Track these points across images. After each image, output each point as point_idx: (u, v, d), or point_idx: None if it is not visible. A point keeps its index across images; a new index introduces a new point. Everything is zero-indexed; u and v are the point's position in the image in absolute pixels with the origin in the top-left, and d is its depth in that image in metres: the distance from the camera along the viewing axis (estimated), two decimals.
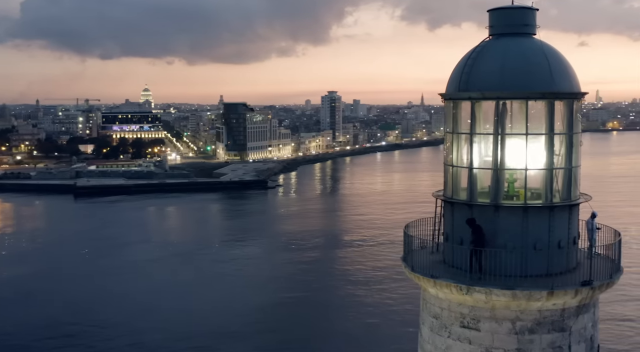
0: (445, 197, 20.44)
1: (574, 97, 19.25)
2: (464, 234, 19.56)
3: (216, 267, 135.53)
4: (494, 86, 18.92)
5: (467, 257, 19.36)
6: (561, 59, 19.47)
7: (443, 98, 20.65)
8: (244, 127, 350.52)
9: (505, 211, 19.08)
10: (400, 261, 21.15)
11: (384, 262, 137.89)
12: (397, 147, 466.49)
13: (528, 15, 19.94)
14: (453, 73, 20.34)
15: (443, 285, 18.80)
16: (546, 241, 19.02)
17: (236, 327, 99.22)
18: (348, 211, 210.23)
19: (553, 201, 19.14)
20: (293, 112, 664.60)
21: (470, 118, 19.43)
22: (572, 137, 19.33)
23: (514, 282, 18.18)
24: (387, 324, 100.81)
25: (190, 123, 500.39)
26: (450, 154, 20.32)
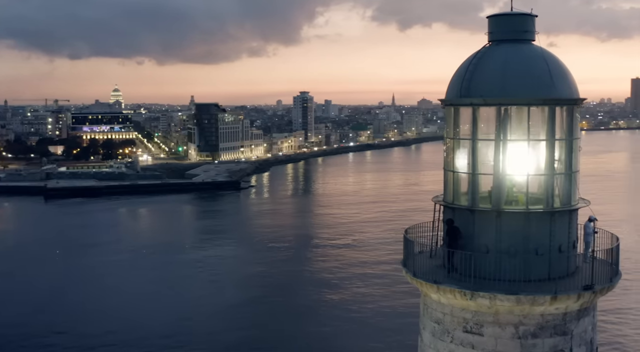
0: (445, 203, 20.50)
1: (574, 103, 19.47)
2: (466, 240, 19.67)
3: (187, 269, 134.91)
4: (496, 92, 19.04)
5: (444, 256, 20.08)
6: (561, 65, 19.66)
7: (443, 104, 20.72)
8: (215, 127, 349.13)
9: (507, 217, 19.20)
10: (401, 266, 21.15)
11: (355, 261, 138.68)
12: (369, 147, 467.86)
13: (528, 22, 20.10)
14: (453, 79, 20.43)
15: (447, 290, 18.87)
16: (547, 246, 19.19)
17: (204, 328, 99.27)
18: (320, 211, 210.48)
19: (554, 206, 19.29)
20: (264, 112, 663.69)
21: (471, 124, 19.48)
22: (572, 143, 19.51)
23: (517, 287, 18.31)
24: (358, 321, 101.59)
25: (161, 124, 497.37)
26: (451, 159, 20.37)
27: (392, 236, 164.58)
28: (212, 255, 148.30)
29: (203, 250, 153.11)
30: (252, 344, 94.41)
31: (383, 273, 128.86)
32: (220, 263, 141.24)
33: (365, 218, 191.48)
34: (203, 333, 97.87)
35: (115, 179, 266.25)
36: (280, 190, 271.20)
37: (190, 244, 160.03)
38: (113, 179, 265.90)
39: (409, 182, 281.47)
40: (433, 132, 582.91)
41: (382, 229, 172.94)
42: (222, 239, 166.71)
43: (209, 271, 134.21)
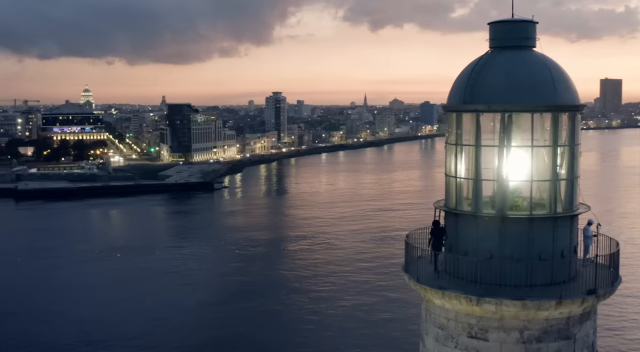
0: (448, 208, 20.55)
1: (576, 109, 19.66)
2: (468, 245, 19.77)
3: (160, 271, 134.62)
4: (500, 99, 19.15)
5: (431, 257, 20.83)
6: (563, 71, 19.85)
7: (445, 110, 20.80)
8: (188, 128, 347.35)
9: (511, 222, 19.33)
10: (402, 271, 21.18)
11: (328, 261, 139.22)
12: (342, 148, 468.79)
13: (529, 29, 20.25)
14: (455, 85, 20.51)
15: (452, 296, 18.93)
16: (550, 251, 19.36)
17: (177, 329, 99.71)
18: (293, 212, 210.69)
19: (557, 211, 19.46)
20: (237, 112, 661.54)
21: (475, 130, 19.57)
22: (574, 149, 19.70)
23: (523, 292, 18.45)
24: (329, 321, 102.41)
25: (132, 124, 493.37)
26: (453, 165, 20.42)
27: (365, 235, 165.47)
28: (185, 256, 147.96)
29: (176, 251, 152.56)
30: (224, 344, 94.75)
31: (355, 271, 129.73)
32: (193, 264, 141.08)
33: (338, 218, 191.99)
34: (175, 334, 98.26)
35: (87, 181, 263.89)
36: (253, 191, 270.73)
37: (163, 246, 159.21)
38: (85, 181, 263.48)
39: (381, 183, 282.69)
40: (405, 133, 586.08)
41: (355, 229, 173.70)
42: (196, 240, 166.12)
43: (181, 272, 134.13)
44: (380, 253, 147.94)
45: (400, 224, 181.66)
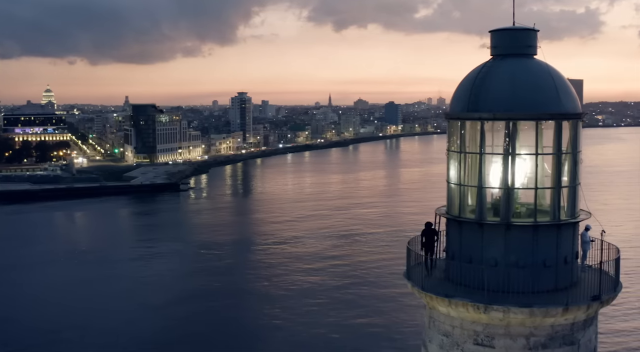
0: (452, 216, 20.58)
1: (578, 117, 19.86)
2: (473, 253, 19.84)
3: (126, 273, 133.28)
4: (505, 107, 19.25)
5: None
6: (564, 79, 20.06)
7: (447, 117, 20.83)
8: (153, 129, 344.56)
9: (516, 229, 19.46)
10: (405, 278, 21.18)
11: (294, 262, 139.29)
12: (308, 148, 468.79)
13: (531, 37, 20.41)
14: (458, 93, 20.57)
15: (459, 304, 18.98)
16: (554, 258, 19.53)
17: (141, 331, 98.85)
18: (260, 213, 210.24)
19: (560, 218, 19.64)
20: (201, 113, 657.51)
21: (479, 138, 19.65)
22: (576, 156, 19.90)
23: (530, 299, 18.58)
24: (297, 322, 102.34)
25: (95, 125, 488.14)
26: (456, 172, 20.47)
27: (332, 235, 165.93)
28: (152, 258, 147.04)
29: (142, 253, 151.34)
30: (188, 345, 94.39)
31: (320, 270, 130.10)
32: (159, 266, 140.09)
33: (304, 219, 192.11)
34: (139, 336, 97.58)
35: (50, 183, 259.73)
36: (220, 192, 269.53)
37: (129, 248, 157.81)
38: (48, 183, 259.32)
39: (348, 183, 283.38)
40: (370, 133, 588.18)
41: (321, 229, 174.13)
42: (162, 242, 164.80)
43: (147, 274, 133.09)
44: (346, 252, 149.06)
45: (367, 223, 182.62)
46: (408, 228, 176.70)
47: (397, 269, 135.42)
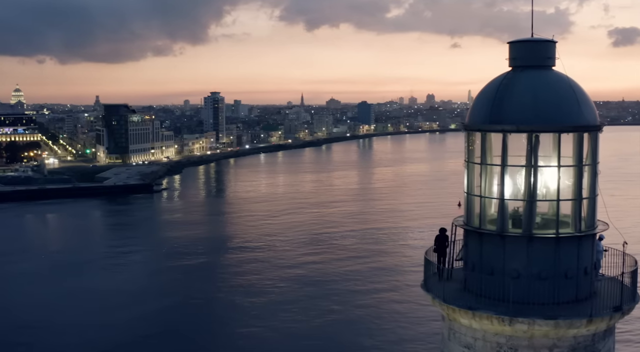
0: (472, 227, 20.55)
1: (598, 129, 19.96)
2: (494, 264, 19.83)
3: (98, 276, 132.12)
4: (528, 119, 19.30)
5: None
6: (584, 91, 20.14)
7: (467, 129, 20.80)
8: (125, 129, 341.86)
9: (539, 241, 19.50)
10: (423, 290, 21.15)
11: (266, 263, 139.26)
12: (281, 148, 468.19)
13: (550, 48, 20.49)
14: (479, 104, 20.60)
15: (483, 317, 18.97)
16: (575, 269, 19.61)
17: (112, 336, 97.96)
18: (234, 214, 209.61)
19: (581, 229, 19.73)
20: (173, 112, 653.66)
21: (501, 149, 19.67)
22: (595, 167, 20.00)
23: (555, 311, 18.64)
24: (270, 325, 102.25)
25: (66, 125, 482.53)
26: (477, 184, 20.46)
27: (305, 236, 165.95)
28: (126, 260, 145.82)
29: (115, 256, 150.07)
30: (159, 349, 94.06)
31: (292, 275, 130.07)
32: (133, 268, 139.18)
33: (277, 220, 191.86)
34: (110, 340, 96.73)
35: (21, 184, 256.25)
36: (193, 192, 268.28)
37: (102, 250, 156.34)
38: (19, 184, 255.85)
39: (321, 183, 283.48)
40: (343, 132, 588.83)
41: (294, 231, 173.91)
42: (136, 244, 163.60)
43: (121, 276, 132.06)
44: (319, 251, 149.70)
45: (340, 224, 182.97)
46: (382, 227, 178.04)
47: (370, 266, 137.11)
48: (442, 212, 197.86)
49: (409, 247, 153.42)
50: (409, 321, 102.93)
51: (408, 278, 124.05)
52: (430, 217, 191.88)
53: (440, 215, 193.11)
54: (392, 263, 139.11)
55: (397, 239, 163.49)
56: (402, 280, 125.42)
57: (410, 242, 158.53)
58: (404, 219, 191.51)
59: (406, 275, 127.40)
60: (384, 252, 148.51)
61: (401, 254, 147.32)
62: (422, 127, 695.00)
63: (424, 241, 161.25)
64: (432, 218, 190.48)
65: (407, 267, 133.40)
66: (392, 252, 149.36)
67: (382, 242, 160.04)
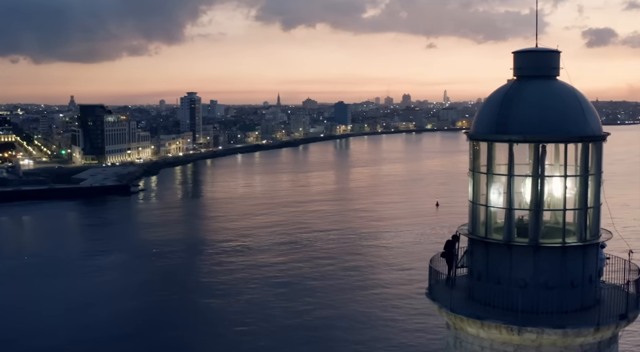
0: (478, 237, 20.62)
1: (603, 139, 20.15)
2: (501, 274, 19.94)
3: (75, 278, 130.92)
4: (535, 129, 19.44)
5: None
6: (588, 101, 20.36)
7: (472, 139, 20.84)
8: (101, 129, 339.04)
9: (545, 251, 19.63)
10: (428, 298, 21.20)
11: (244, 265, 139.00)
12: (258, 148, 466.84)
13: (555, 58, 20.65)
14: (484, 114, 20.71)
15: (491, 326, 19.07)
16: (581, 277, 19.79)
17: (89, 339, 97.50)
18: (211, 215, 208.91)
19: (587, 238, 19.90)
20: (148, 113, 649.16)
21: (508, 159, 19.78)
22: (599, 176, 20.18)
23: (563, 320, 18.79)
24: (247, 328, 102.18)
25: (41, 125, 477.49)
26: (483, 193, 20.54)
27: (280, 238, 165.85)
28: (103, 262, 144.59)
29: (92, 258, 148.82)
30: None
31: (270, 276, 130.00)
32: (110, 271, 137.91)
33: (254, 221, 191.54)
34: (87, 343, 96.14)
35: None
36: (171, 193, 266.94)
37: (79, 252, 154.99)
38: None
39: (298, 184, 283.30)
40: (320, 133, 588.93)
41: (270, 231, 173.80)
42: (113, 246, 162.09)
43: (98, 279, 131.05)
44: (297, 252, 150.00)
45: (316, 224, 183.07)
46: (359, 227, 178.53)
47: (344, 265, 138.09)
48: (420, 212, 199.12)
49: (384, 247, 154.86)
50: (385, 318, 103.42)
51: (382, 277, 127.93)
52: (407, 217, 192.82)
53: (418, 215, 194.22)
54: (366, 263, 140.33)
55: (372, 239, 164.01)
56: (377, 279, 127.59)
57: (386, 242, 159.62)
58: (381, 219, 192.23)
59: (381, 274, 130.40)
60: (359, 253, 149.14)
61: (376, 254, 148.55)
62: (398, 127, 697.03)
63: (400, 239, 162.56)
64: (409, 218, 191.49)
65: (381, 266, 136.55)
66: (368, 252, 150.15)
67: (358, 242, 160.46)
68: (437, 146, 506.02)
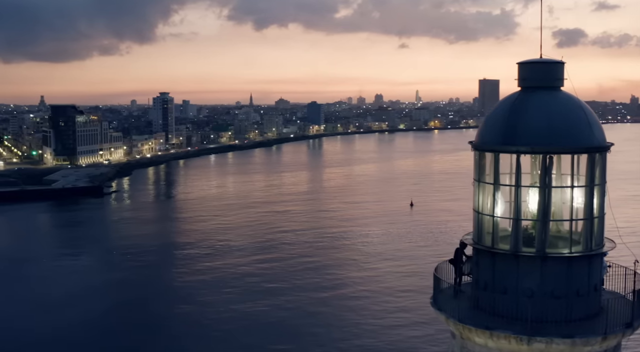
0: (484, 247, 20.74)
1: (607, 149, 20.39)
2: (508, 284, 20.09)
3: (45, 282, 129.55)
4: (543, 141, 19.61)
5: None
6: (593, 113, 20.58)
7: (478, 149, 20.94)
8: (73, 130, 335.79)
9: (552, 261, 19.82)
10: (434, 308, 21.29)
11: (216, 267, 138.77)
12: (231, 148, 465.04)
13: (560, 69, 20.86)
14: (490, 124, 20.88)
15: (500, 336, 19.20)
16: (586, 286, 20.04)
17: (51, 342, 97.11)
18: (183, 216, 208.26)
19: (592, 248, 20.13)
20: (120, 113, 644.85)
21: (515, 170, 19.95)
22: (604, 186, 20.43)
23: (570, 329, 18.98)
24: (217, 332, 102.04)
25: (11, 126, 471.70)
26: (489, 204, 20.67)
27: (252, 239, 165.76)
28: (75, 265, 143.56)
29: (63, 260, 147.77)
30: None
31: (240, 278, 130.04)
32: (81, 273, 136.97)
33: (227, 222, 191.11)
34: (55, 345, 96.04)
35: None
36: (144, 194, 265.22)
37: (50, 255, 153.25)
38: None
39: (271, 184, 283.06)
40: (293, 133, 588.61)
41: (242, 233, 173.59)
42: (85, 248, 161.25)
43: (67, 281, 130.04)
44: (270, 253, 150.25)
45: (290, 225, 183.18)
46: (333, 226, 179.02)
47: (315, 264, 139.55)
48: (394, 212, 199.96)
49: (357, 247, 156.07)
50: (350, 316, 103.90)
51: (352, 275, 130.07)
52: (381, 217, 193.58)
53: (392, 215, 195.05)
54: (338, 262, 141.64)
55: (346, 239, 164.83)
56: (348, 278, 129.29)
57: (359, 242, 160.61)
58: (354, 219, 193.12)
59: (352, 273, 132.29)
60: (331, 253, 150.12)
61: (349, 253, 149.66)
62: (371, 127, 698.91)
63: (374, 239, 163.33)
64: (383, 217, 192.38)
65: (351, 266, 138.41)
66: (341, 252, 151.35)
67: (331, 243, 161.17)
68: (410, 146, 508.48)
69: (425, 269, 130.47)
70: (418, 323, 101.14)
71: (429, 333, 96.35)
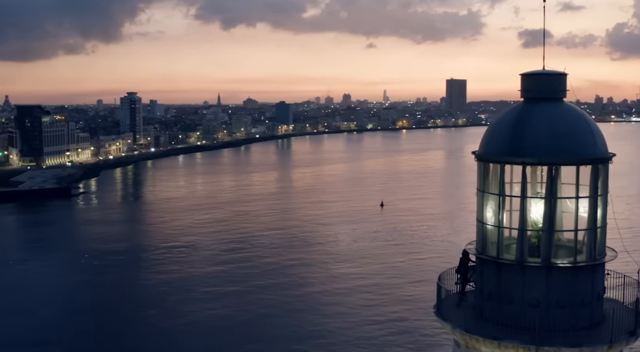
0: (489, 257, 20.90)
1: (609, 160, 20.69)
2: (513, 293, 20.29)
3: (9, 287, 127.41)
4: (549, 152, 19.85)
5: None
6: (595, 124, 20.87)
7: (482, 160, 21.10)
8: (39, 131, 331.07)
9: (557, 270, 20.06)
10: (438, 317, 21.42)
11: (185, 269, 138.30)
12: (199, 149, 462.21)
13: (563, 81, 21.13)
14: (494, 136, 21.07)
15: (509, 346, 19.39)
16: (590, 295, 20.32)
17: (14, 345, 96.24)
18: (152, 217, 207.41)
19: (596, 258, 20.42)
20: (86, 113, 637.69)
21: (521, 181, 20.15)
22: (606, 197, 20.72)
23: (576, 338, 19.26)
24: (187, 336, 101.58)
25: None
26: (494, 214, 20.84)
27: (225, 240, 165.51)
28: (42, 269, 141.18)
29: (32, 264, 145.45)
30: None
31: (207, 279, 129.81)
32: (51, 277, 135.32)
33: (196, 224, 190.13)
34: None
35: None
36: (112, 196, 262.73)
37: (18, 259, 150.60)
38: None
39: (240, 185, 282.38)
40: (262, 133, 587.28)
41: (212, 235, 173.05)
42: (54, 252, 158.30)
43: (36, 285, 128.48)
44: (240, 254, 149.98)
45: (260, 226, 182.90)
46: (303, 226, 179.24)
47: (285, 263, 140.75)
48: (364, 212, 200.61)
49: (327, 247, 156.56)
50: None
51: (318, 275, 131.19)
52: (351, 217, 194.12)
53: (362, 215, 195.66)
54: (308, 262, 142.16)
55: (315, 239, 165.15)
56: (314, 277, 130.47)
57: (330, 242, 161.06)
58: (324, 218, 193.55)
59: (319, 273, 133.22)
60: (301, 253, 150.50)
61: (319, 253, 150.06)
62: (340, 127, 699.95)
63: (345, 239, 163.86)
64: (354, 217, 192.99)
65: (320, 265, 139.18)
66: (310, 251, 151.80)
67: (300, 242, 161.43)
68: (378, 146, 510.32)
69: (405, 269, 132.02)
70: (388, 321, 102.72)
71: (395, 331, 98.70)
